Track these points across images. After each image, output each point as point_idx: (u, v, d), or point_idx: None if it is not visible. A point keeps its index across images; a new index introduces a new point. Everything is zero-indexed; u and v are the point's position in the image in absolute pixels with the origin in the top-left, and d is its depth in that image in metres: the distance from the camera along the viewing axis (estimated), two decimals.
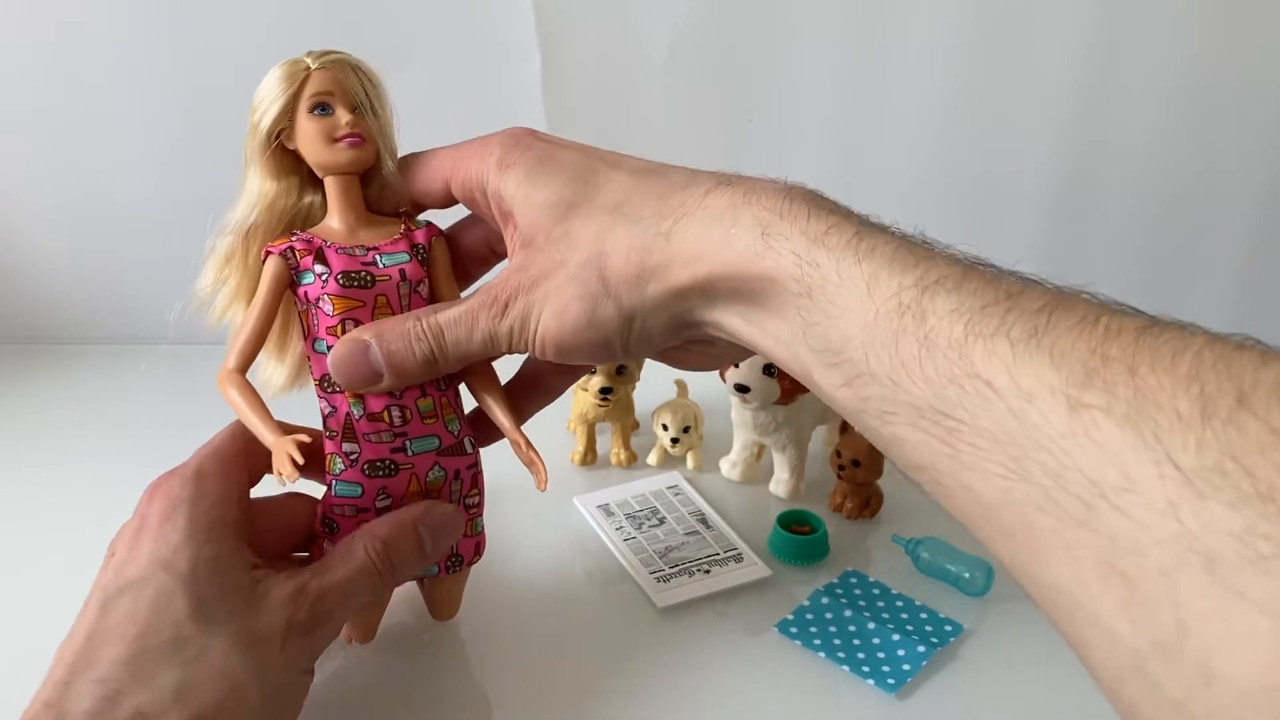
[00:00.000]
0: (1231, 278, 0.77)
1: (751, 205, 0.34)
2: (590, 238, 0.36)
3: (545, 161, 0.39)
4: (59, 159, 0.69)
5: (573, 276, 0.36)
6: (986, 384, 0.26)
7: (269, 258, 0.41)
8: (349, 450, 0.40)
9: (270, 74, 0.40)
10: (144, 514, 0.38)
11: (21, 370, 0.71)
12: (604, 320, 0.36)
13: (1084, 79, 0.69)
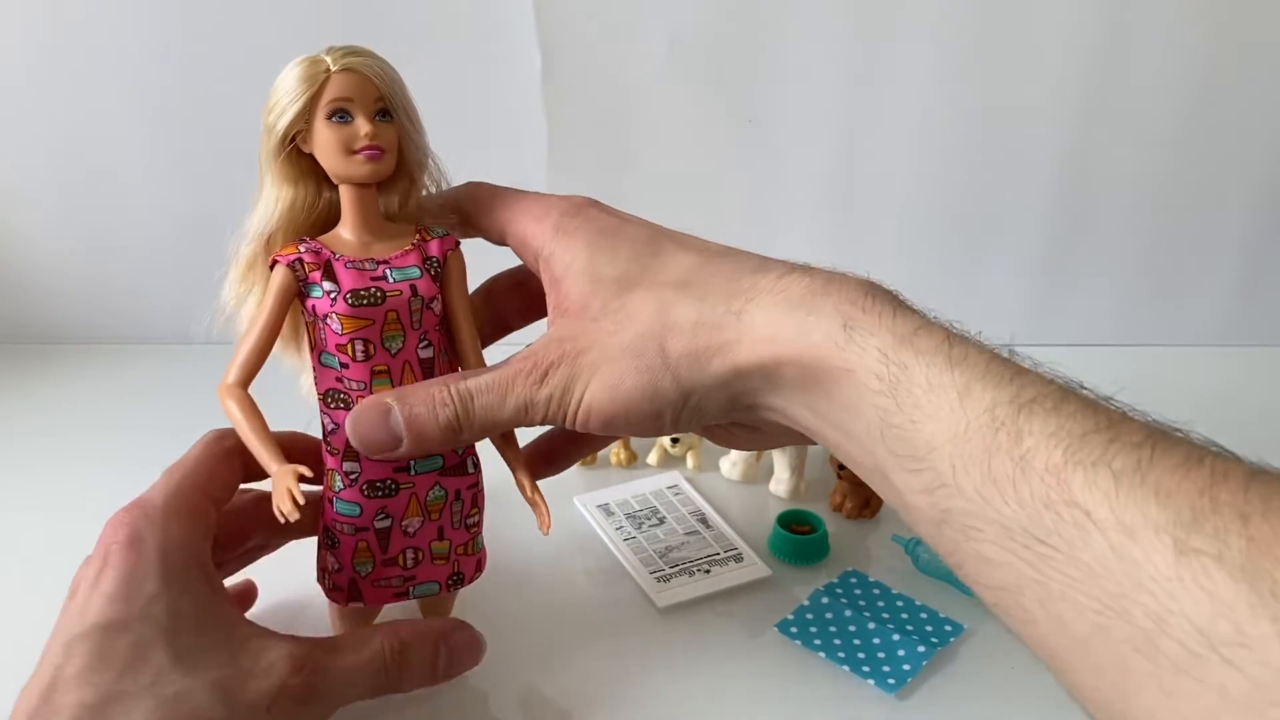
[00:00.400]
0: (1229, 284, 0.77)
1: (832, 295, 0.33)
2: (652, 312, 0.36)
3: (608, 235, 0.38)
4: (59, 159, 0.69)
5: (629, 348, 0.35)
6: (1085, 514, 0.26)
7: (276, 267, 0.39)
8: (349, 470, 0.40)
9: (287, 72, 0.38)
10: (107, 553, 0.36)
11: (21, 370, 0.71)
12: (660, 395, 0.35)
13: (1084, 78, 0.69)
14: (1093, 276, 0.77)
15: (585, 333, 0.36)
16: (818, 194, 0.73)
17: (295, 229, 0.40)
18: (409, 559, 0.42)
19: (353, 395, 0.39)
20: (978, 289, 0.77)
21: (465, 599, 0.49)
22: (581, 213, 0.39)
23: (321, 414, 0.40)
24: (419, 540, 0.41)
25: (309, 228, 0.41)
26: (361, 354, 0.39)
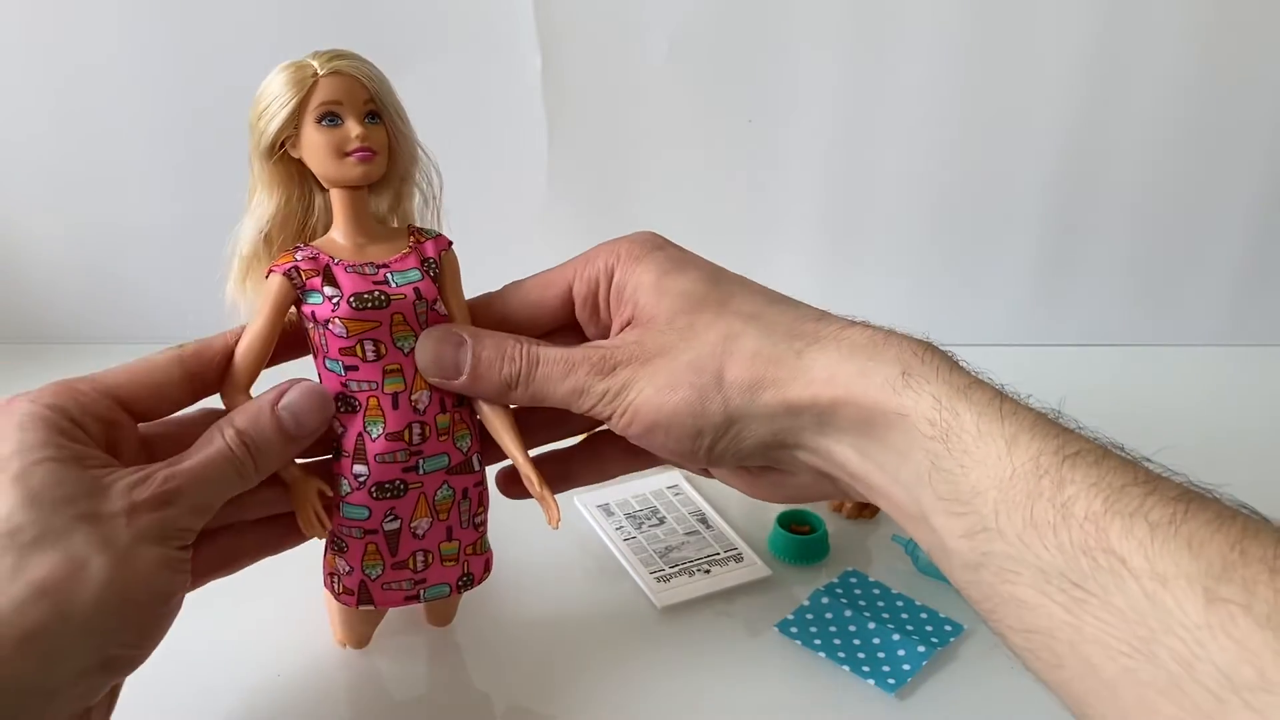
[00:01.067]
0: (1229, 284, 0.77)
1: (893, 345, 0.35)
2: (717, 335, 0.37)
3: (680, 263, 0.40)
4: (59, 159, 0.69)
5: (690, 364, 0.37)
6: (1121, 561, 0.27)
7: (271, 276, 0.39)
8: (358, 473, 0.39)
9: (273, 76, 0.38)
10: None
11: (21, 370, 0.71)
12: (706, 415, 0.36)
13: (1085, 78, 0.69)
14: (1093, 277, 0.77)
15: (653, 340, 0.38)
16: (817, 194, 0.73)
17: (289, 231, 0.40)
18: (419, 561, 0.41)
19: (360, 397, 0.39)
20: (978, 288, 0.77)
21: (466, 597, 0.49)
22: (652, 242, 0.41)
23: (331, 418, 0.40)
24: (428, 542, 0.41)
25: (303, 231, 0.41)
26: (373, 354, 0.39)
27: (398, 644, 0.46)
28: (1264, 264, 0.76)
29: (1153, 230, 0.75)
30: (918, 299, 0.77)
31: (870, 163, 0.72)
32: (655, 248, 0.41)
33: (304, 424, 0.39)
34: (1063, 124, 0.71)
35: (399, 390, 0.39)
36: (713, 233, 0.75)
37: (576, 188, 0.72)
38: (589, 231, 0.74)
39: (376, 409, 0.39)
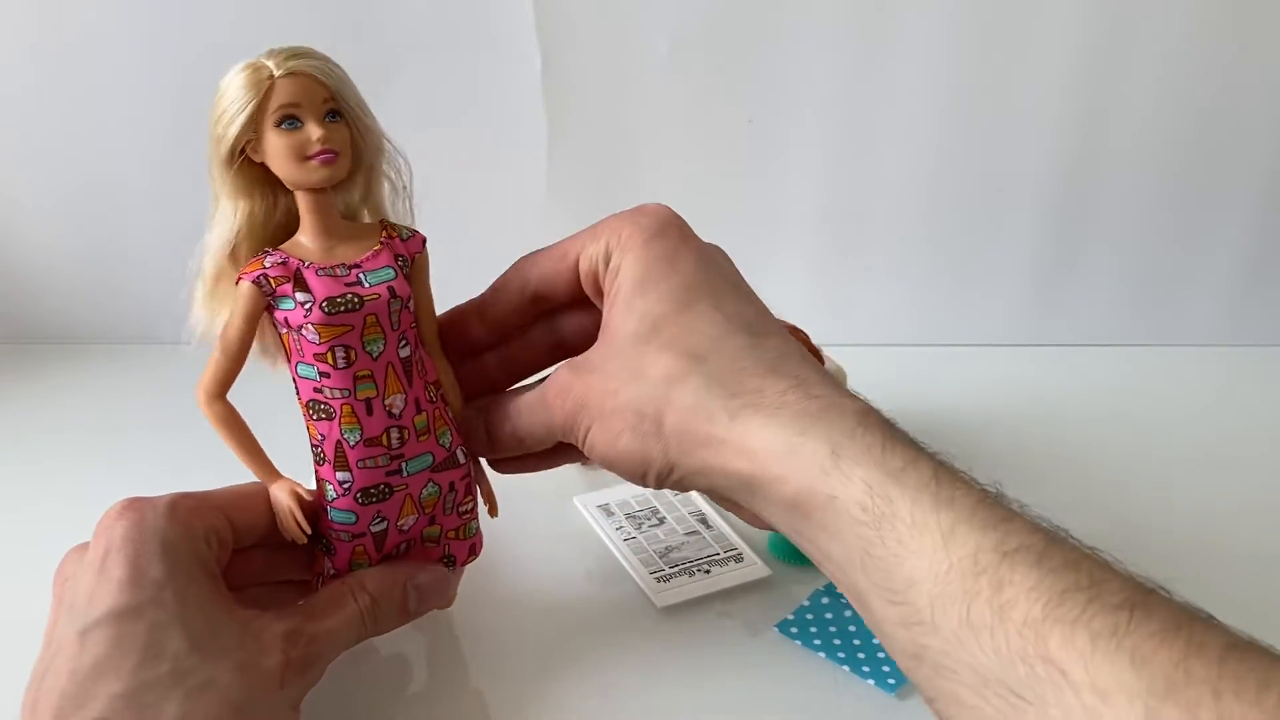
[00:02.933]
0: (1229, 284, 0.77)
1: (827, 418, 0.34)
2: (660, 376, 0.36)
3: (660, 263, 0.39)
4: (59, 159, 0.69)
5: (629, 407, 0.37)
6: (1061, 672, 0.26)
7: (241, 283, 0.38)
8: (342, 479, 0.39)
9: (229, 79, 0.37)
10: (108, 541, 0.36)
11: (21, 370, 0.71)
12: (650, 461, 0.37)
13: (1085, 77, 0.69)
14: (1093, 277, 0.77)
15: (599, 372, 0.38)
16: (817, 193, 0.73)
17: (257, 240, 0.39)
18: (401, 550, 0.42)
19: (334, 404, 0.39)
20: (977, 288, 0.77)
21: (464, 598, 0.49)
22: (651, 229, 0.40)
23: (308, 424, 0.40)
24: (412, 534, 0.42)
25: (271, 236, 0.40)
26: (343, 361, 0.38)
27: (399, 637, 0.46)
28: (1264, 264, 0.76)
29: (1152, 230, 0.75)
30: (917, 299, 0.77)
31: (870, 163, 0.72)
32: (654, 235, 0.40)
33: (424, 606, 0.42)
34: (1063, 124, 0.71)
35: (371, 396, 0.39)
36: (712, 233, 0.75)
37: (576, 187, 0.72)
38: None
39: (351, 416, 0.39)
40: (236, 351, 0.39)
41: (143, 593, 0.35)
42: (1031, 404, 0.70)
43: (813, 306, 0.69)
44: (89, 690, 0.33)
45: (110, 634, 0.34)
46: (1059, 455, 0.63)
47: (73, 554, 0.39)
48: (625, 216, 0.41)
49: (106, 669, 0.33)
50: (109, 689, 0.33)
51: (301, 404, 0.40)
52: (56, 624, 0.36)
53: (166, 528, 0.37)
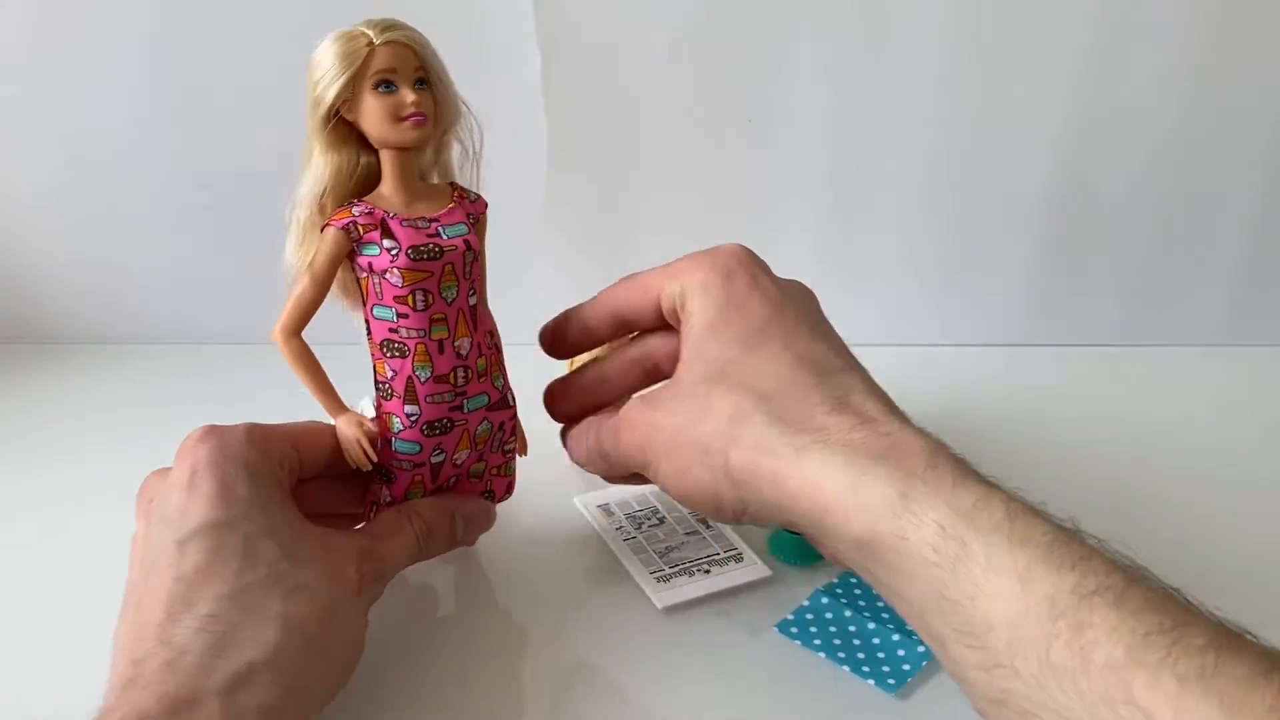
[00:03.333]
0: (1230, 284, 0.77)
1: (893, 458, 0.33)
2: (726, 414, 0.37)
3: (732, 306, 0.40)
4: (59, 159, 0.69)
5: (697, 444, 0.38)
6: (1147, 716, 0.26)
7: (328, 229, 0.42)
8: (410, 412, 0.44)
9: (327, 46, 0.41)
10: (194, 461, 0.39)
11: (21, 370, 0.71)
12: (720, 498, 0.38)
13: (1085, 78, 0.69)
14: (1093, 277, 0.77)
15: (667, 408, 0.40)
16: (817, 194, 0.73)
17: (341, 191, 0.43)
18: (451, 483, 0.47)
19: (409, 343, 0.43)
20: (977, 289, 0.77)
21: (463, 598, 0.50)
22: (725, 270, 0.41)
23: (379, 362, 0.44)
24: (463, 468, 0.47)
25: (352, 190, 0.44)
26: (422, 304, 0.43)
27: (399, 637, 0.46)
28: (1264, 264, 0.76)
29: (1152, 230, 0.75)
30: (917, 299, 0.77)
31: (870, 163, 0.72)
32: (726, 277, 0.41)
33: (471, 534, 0.47)
34: (1063, 124, 0.71)
35: (444, 337, 0.44)
36: (712, 233, 0.75)
37: (576, 187, 0.72)
38: (589, 231, 0.74)
39: (424, 354, 0.43)
40: (317, 292, 0.43)
41: (234, 507, 0.38)
42: (1031, 404, 0.70)
43: None
44: (196, 592, 0.36)
45: (209, 543, 0.37)
46: (1059, 455, 0.63)
47: (154, 477, 0.42)
48: (700, 258, 0.42)
49: (210, 574, 0.36)
50: (215, 590, 0.36)
51: (373, 343, 0.44)
52: (148, 537, 0.39)
53: (248, 451, 0.40)
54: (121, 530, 0.49)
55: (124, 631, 0.37)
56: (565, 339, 0.48)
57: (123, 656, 0.35)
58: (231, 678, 0.34)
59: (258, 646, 0.35)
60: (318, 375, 0.43)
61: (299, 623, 0.36)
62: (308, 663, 0.37)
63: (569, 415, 0.49)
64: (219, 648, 0.34)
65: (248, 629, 0.35)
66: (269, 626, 0.36)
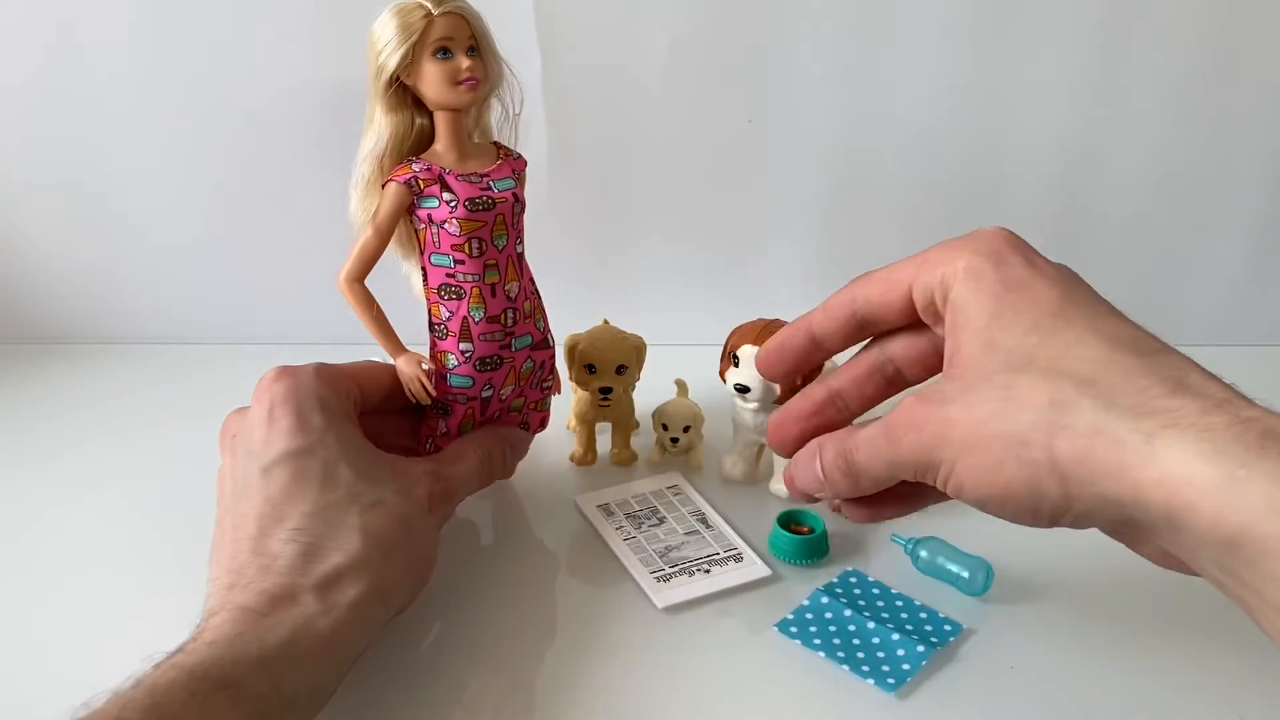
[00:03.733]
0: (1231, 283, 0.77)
1: (1271, 452, 0.29)
2: (1043, 402, 0.32)
3: (1014, 290, 0.35)
4: (59, 159, 0.69)
5: (1012, 436, 0.33)
6: None
7: (390, 184, 0.47)
8: (464, 349, 0.49)
9: (387, 19, 0.45)
10: (271, 399, 0.44)
11: (21, 370, 0.71)
12: (1042, 494, 0.32)
13: (1085, 78, 0.69)
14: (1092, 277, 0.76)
15: (960, 402, 0.35)
16: (817, 194, 0.73)
17: (399, 150, 0.48)
18: (496, 417, 0.52)
19: (465, 287, 0.48)
20: None
21: (463, 597, 0.49)
22: (995, 254, 0.37)
23: (435, 305, 0.49)
24: (507, 402, 0.52)
25: (408, 149, 0.48)
26: (477, 250, 0.47)
27: (399, 635, 0.46)
28: (1264, 264, 0.76)
29: (1152, 230, 0.75)
30: None
31: (870, 163, 0.72)
32: (998, 262, 0.36)
33: (512, 463, 0.53)
34: (1063, 125, 0.71)
35: (496, 281, 0.48)
36: (712, 232, 0.75)
37: (576, 187, 0.72)
38: (588, 231, 0.74)
39: (478, 297, 0.48)
40: (380, 241, 0.47)
41: (310, 436, 0.43)
42: None
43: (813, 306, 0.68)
44: (283, 510, 0.41)
45: (291, 469, 0.42)
46: None
47: (234, 415, 0.46)
48: (959, 245, 0.38)
49: (294, 494, 0.41)
50: (299, 508, 0.41)
51: (430, 289, 0.49)
52: (235, 468, 0.44)
53: (318, 386, 0.45)
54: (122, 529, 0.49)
55: (221, 548, 0.41)
56: (790, 355, 0.43)
57: (221, 568, 0.40)
58: (322, 577, 0.39)
59: (342, 553, 0.40)
60: (379, 319, 0.48)
61: (377, 532, 0.41)
62: (387, 567, 0.41)
63: (801, 440, 0.42)
64: (308, 555, 0.39)
65: (331, 539, 0.40)
66: (351, 536, 0.41)
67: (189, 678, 0.34)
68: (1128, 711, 0.43)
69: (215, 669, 0.34)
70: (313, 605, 0.38)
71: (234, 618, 0.36)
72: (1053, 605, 0.49)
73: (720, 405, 0.59)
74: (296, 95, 0.66)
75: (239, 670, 0.35)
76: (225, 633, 0.36)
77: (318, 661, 0.37)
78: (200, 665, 0.34)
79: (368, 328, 0.48)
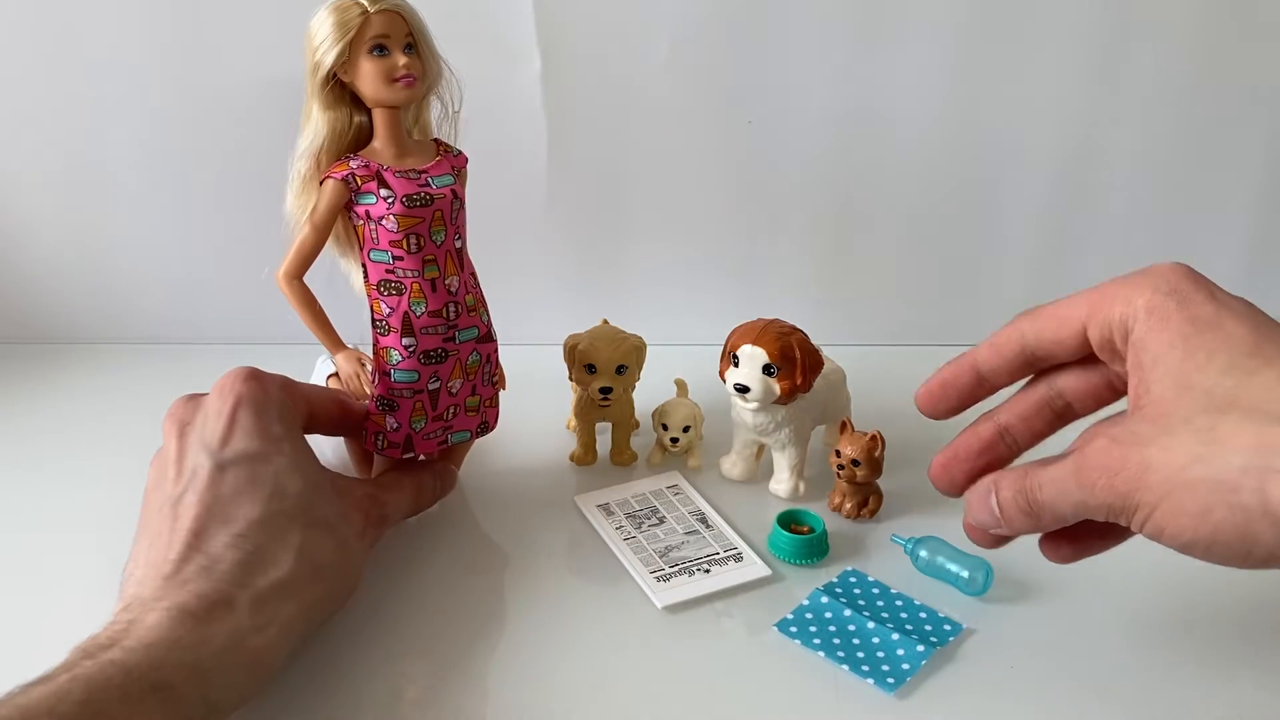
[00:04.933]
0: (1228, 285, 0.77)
1: None
2: (1250, 444, 0.32)
3: (1204, 330, 0.35)
4: (60, 159, 0.69)
5: (1218, 481, 0.32)
6: None
7: (328, 181, 0.47)
8: (407, 344, 0.49)
9: (324, 15, 0.45)
10: (238, 398, 0.44)
11: (21, 370, 0.71)
12: (1255, 539, 0.32)
13: (1084, 78, 0.69)
14: (1092, 276, 0.76)
15: (1157, 445, 0.34)
16: (817, 194, 0.73)
17: (337, 147, 0.48)
18: (450, 413, 0.52)
19: (405, 282, 0.48)
20: (977, 289, 0.77)
21: (464, 597, 0.49)
22: (1176, 291, 0.36)
23: (376, 301, 0.49)
24: (458, 398, 0.52)
25: (346, 146, 0.48)
26: (414, 246, 0.48)
27: (399, 635, 0.46)
28: (1264, 264, 0.76)
29: (1152, 230, 0.75)
30: (917, 299, 0.77)
31: (870, 163, 0.72)
32: (1182, 301, 0.36)
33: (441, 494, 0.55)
34: (1062, 125, 0.71)
35: (435, 277, 0.49)
36: (712, 231, 0.75)
37: (576, 188, 0.72)
38: (588, 231, 0.74)
39: (419, 292, 0.48)
40: (318, 238, 0.47)
41: (269, 443, 0.44)
42: None
43: (813, 306, 0.68)
44: (230, 512, 0.41)
45: (246, 471, 0.43)
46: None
47: (183, 402, 0.47)
48: (1137, 282, 0.38)
49: (243, 497, 0.42)
50: (246, 513, 0.41)
51: (370, 285, 0.49)
52: (183, 456, 0.44)
53: (282, 398, 0.46)
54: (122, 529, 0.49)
55: (155, 531, 0.42)
56: (954, 392, 0.43)
57: (156, 552, 0.40)
58: (258, 592, 0.40)
59: (279, 569, 0.41)
60: (318, 315, 0.48)
61: (313, 553, 0.42)
62: (316, 588, 0.42)
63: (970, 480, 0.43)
64: (246, 565, 0.40)
65: (271, 552, 0.41)
66: (289, 553, 0.41)
67: (125, 677, 0.34)
68: (1128, 711, 0.43)
69: (152, 672, 0.35)
70: (247, 619, 0.39)
71: (171, 618, 0.37)
72: (1053, 605, 0.49)
73: (720, 405, 0.59)
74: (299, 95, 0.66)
75: (174, 676, 0.35)
76: (163, 635, 0.36)
77: (245, 675, 0.38)
78: (138, 667, 0.35)
79: (307, 324, 0.48)
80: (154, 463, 0.46)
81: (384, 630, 0.46)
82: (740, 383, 0.54)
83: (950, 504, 0.44)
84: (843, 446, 0.54)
